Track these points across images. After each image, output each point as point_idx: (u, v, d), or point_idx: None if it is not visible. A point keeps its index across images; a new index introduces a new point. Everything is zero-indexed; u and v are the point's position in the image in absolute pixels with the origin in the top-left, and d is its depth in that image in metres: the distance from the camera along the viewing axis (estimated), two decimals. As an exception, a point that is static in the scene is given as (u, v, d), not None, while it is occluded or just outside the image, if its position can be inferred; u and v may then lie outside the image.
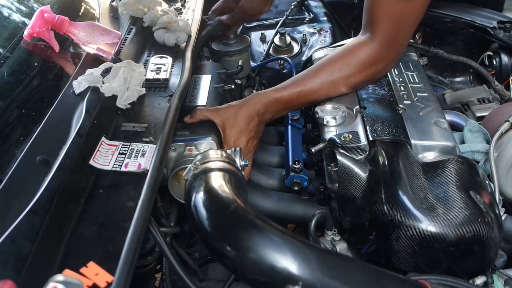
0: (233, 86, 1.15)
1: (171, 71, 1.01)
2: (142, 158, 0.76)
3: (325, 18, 1.72)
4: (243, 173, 0.95)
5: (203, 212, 0.65)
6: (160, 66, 1.02)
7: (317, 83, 1.00)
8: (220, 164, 0.75)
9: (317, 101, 1.02)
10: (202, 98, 1.06)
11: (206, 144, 0.91)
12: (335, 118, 0.94)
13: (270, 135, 1.27)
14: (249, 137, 0.98)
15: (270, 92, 1.01)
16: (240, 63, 1.31)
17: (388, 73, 1.09)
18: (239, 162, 0.81)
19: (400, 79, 1.08)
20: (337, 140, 0.88)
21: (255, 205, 0.99)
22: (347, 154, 0.87)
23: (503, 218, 0.90)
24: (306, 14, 1.77)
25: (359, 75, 1.00)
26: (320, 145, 0.92)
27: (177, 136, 0.92)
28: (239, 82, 1.28)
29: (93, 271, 0.54)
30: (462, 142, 1.05)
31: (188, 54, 1.06)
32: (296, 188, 0.96)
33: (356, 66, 0.99)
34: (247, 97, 1.03)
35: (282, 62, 1.52)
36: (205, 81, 1.14)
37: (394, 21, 0.95)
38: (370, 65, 1.00)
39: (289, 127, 1.10)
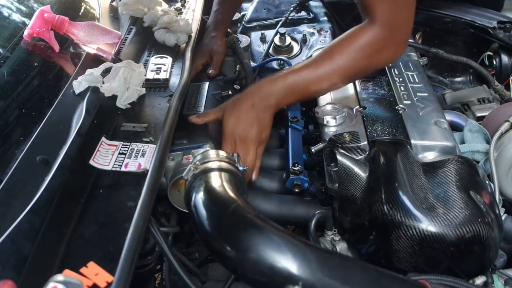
0: (230, 92, 1.15)
1: (171, 71, 1.01)
2: (142, 158, 0.76)
3: (325, 18, 1.72)
4: (254, 172, 0.94)
5: (203, 212, 0.65)
6: (160, 66, 1.02)
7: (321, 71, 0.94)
8: (220, 164, 0.75)
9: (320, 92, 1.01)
10: (200, 106, 1.06)
11: None
12: (335, 118, 0.94)
13: (271, 137, 1.27)
14: (251, 126, 0.94)
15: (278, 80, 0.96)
16: (237, 68, 1.31)
17: (388, 73, 1.09)
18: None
19: (400, 79, 1.08)
20: (337, 140, 0.88)
21: (257, 209, 0.99)
22: (347, 154, 0.87)
23: (503, 218, 0.90)
24: (306, 14, 1.77)
25: (363, 61, 0.94)
26: (320, 145, 0.92)
27: (175, 145, 0.91)
28: (238, 87, 1.27)
29: (93, 271, 0.54)
30: (462, 142, 1.05)
31: (188, 54, 1.06)
32: (297, 190, 0.96)
33: (358, 51, 0.93)
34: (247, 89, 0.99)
35: (282, 62, 1.52)
36: (203, 88, 1.14)
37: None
38: (373, 49, 0.93)
39: (289, 129, 1.10)
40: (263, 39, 1.63)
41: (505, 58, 1.40)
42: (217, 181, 0.71)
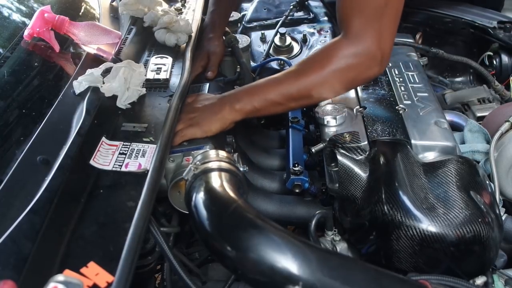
0: None
1: (171, 71, 1.01)
2: (142, 158, 0.76)
3: (325, 18, 1.72)
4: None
5: (203, 212, 0.66)
6: (161, 66, 1.02)
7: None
8: (220, 164, 0.75)
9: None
10: None
11: None
12: (335, 118, 0.94)
13: (272, 138, 1.27)
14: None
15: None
16: (238, 69, 1.30)
17: (388, 73, 1.09)
18: None
19: (400, 79, 1.08)
20: (338, 140, 0.88)
21: (258, 210, 0.99)
22: (347, 154, 0.87)
23: (503, 218, 0.90)
24: (306, 14, 1.77)
25: (335, 79, 0.90)
26: (321, 145, 0.92)
27: (175, 147, 0.91)
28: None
29: (94, 271, 0.54)
30: (462, 142, 1.05)
31: (189, 54, 1.06)
32: (297, 190, 0.95)
33: (331, 70, 0.89)
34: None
35: (282, 62, 1.52)
36: (203, 89, 1.14)
37: (366, 11, 0.84)
38: (347, 67, 0.88)
39: (290, 129, 1.10)
40: (263, 39, 1.63)
41: (505, 58, 1.40)
42: (217, 181, 0.71)
